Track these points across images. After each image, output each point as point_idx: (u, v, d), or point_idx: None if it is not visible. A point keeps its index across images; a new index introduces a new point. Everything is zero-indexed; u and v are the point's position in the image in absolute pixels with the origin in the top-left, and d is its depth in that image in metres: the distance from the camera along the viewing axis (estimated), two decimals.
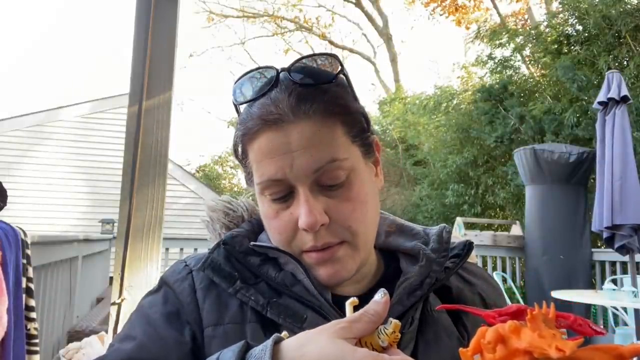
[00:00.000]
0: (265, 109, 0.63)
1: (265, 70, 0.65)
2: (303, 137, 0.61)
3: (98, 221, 8.07)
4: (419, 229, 0.75)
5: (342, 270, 0.65)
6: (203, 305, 0.66)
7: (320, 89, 0.64)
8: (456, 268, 0.71)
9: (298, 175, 0.62)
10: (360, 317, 0.50)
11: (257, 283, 0.67)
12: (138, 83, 2.42)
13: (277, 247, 0.67)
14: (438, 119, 10.04)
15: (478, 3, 14.02)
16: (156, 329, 0.64)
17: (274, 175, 0.62)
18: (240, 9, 17.48)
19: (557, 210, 5.40)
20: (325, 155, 0.62)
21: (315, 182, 0.63)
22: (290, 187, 0.63)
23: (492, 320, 0.48)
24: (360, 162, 0.67)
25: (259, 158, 0.64)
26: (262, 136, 0.63)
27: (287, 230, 0.65)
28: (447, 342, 0.66)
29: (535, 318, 0.43)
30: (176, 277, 0.70)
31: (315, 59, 0.66)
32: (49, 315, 3.34)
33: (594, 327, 0.47)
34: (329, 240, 0.63)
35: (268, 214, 0.66)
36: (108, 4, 39.82)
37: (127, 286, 2.28)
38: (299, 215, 0.62)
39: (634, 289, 3.57)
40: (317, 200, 0.62)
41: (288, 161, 0.61)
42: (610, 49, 6.98)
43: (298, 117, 0.62)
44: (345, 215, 0.63)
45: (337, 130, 0.64)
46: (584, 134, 6.65)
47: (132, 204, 2.33)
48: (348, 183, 0.64)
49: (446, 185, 8.93)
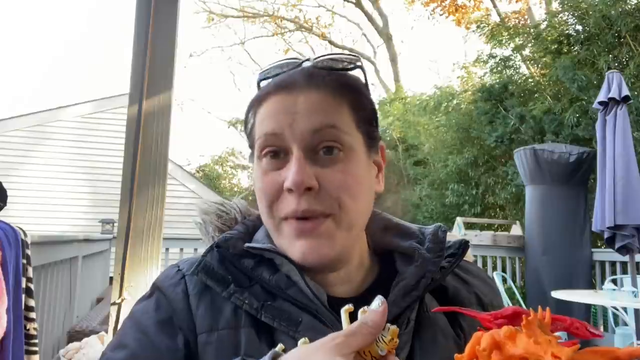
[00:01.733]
0: (282, 77, 0.66)
1: (290, 60, 0.69)
2: (309, 102, 0.63)
3: (98, 221, 8.07)
4: (415, 228, 0.74)
5: (321, 247, 0.62)
6: (196, 311, 0.65)
7: (335, 72, 0.67)
8: (452, 267, 0.70)
9: (296, 134, 0.62)
10: (358, 329, 0.48)
11: (252, 286, 0.65)
12: (138, 83, 2.42)
13: (273, 247, 0.66)
14: (438, 119, 10.04)
15: (478, 3, 14.02)
16: (148, 337, 0.63)
17: (273, 129, 0.63)
18: (240, 9, 17.49)
19: (557, 210, 5.40)
20: (325, 120, 0.63)
21: (311, 148, 0.62)
22: (286, 149, 0.63)
23: (488, 324, 0.48)
24: (361, 149, 0.66)
25: (264, 116, 0.65)
26: (271, 98, 0.65)
27: (273, 190, 0.63)
28: (444, 343, 0.65)
29: (531, 323, 0.43)
30: (169, 282, 0.69)
31: (335, 57, 0.68)
32: (49, 315, 3.34)
33: (592, 330, 0.46)
34: (313, 207, 0.61)
35: (257, 175, 0.66)
36: (108, 4, 39.85)
37: (127, 286, 2.28)
38: (287, 176, 0.61)
39: (634, 289, 3.57)
40: (309, 165, 0.62)
41: (289, 119, 0.63)
42: (610, 49, 6.98)
43: (309, 86, 0.64)
44: (335, 185, 0.62)
45: (344, 107, 0.65)
46: (584, 134, 6.65)
47: (132, 204, 2.33)
48: (345, 158, 0.63)
49: (446, 185, 8.93)
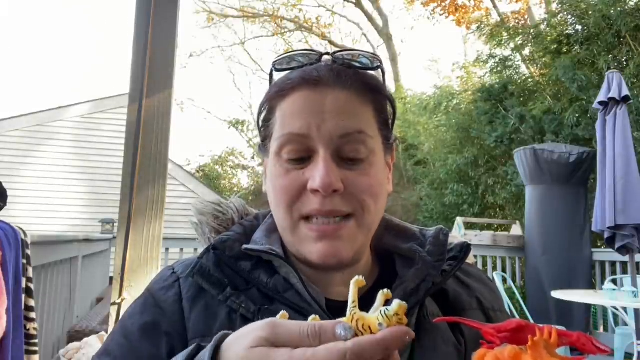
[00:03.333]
0: (307, 71, 0.63)
1: (310, 51, 0.67)
2: (338, 103, 0.62)
3: (98, 221, 8.07)
4: (416, 230, 0.74)
5: (342, 249, 0.61)
6: (189, 316, 0.63)
7: (359, 71, 0.65)
8: (453, 271, 0.69)
9: (324, 136, 0.60)
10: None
11: (249, 289, 0.64)
12: (138, 83, 2.42)
13: (271, 249, 0.65)
14: (438, 119, 10.04)
15: (478, 3, 14.02)
16: (131, 343, 0.63)
17: (300, 129, 0.61)
18: (240, 9, 17.49)
19: (557, 210, 5.40)
20: (355, 125, 0.62)
21: (338, 151, 0.61)
22: (310, 149, 0.61)
23: (490, 337, 0.46)
24: (381, 151, 0.66)
25: (289, 113, 0.63)
26: (297, 93, 0.63)
27: (294, 189, 0.62)
28: (444, 349, 0.64)
29: (537, 345, 0.41)
30: (162, 284, 0.68)
31: (358, 52, 0.67)
32: (49, 315, 3.34)
33: (598, 345, 0.45)
34: (339, 208, 0.60)
35: (278, 172, 0.63)
36: (108, 4, 39.84)
37: (127, 286, 2.28)
38: (313, 177, 0.60)
39: (634, 289, 3.57)
40: (335, 167, 0.61)
41: (318, 120, 0.61)
42: (610, 49, 6.98)
43: (336, 85, 0.63)
44: (361, 188, 0.62)
45: (369, 109, 0.65)
46: (584, 134, 6.65)
47: (132, 204, 2.33)
48: (369, 162, 0.63)
49: (446, 185, 8.93)
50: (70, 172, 9.26)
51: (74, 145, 9.37)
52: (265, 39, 19.59)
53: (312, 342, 0.40)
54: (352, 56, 0.66)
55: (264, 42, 28.04)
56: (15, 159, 9.12)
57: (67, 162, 9.29)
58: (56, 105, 9.59)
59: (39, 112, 9.47)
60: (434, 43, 34.23)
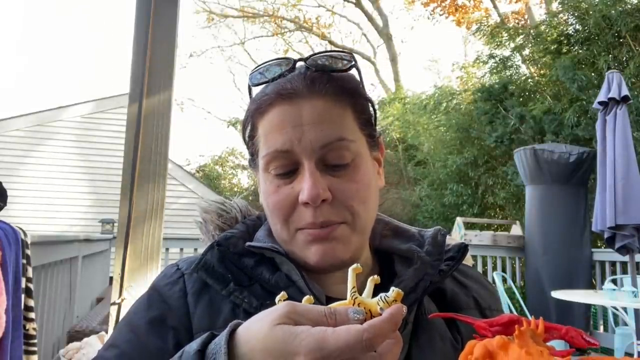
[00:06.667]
0: (281, 85, 0.64)
1: (283, 60, 0.67)
2: (315, 113, 0.62)
3: (98, 221, 8.07)
4: (414, 230, 0.75)
5: (337, 250, 0.63)
6: (194, 311, 0.65)
7: (334, 75, 0.66)
8: (450, 271, 0.70)
9: (306, 148, 0.62)
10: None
11: (251, 285, 0.66)
12: (138, 83, 2.42)
13: (273, 246, 0.67)
14: (438, 119, 10.05)
15: (478, 3, 14.02)
16: (138, 337, 0.64)
17: (282, 146, 0.62)
18: (240, 9, 17.50)
19: (557, 210, 5.40)
20: (334, 133, 0.63)
21: (321, 160, 0.63)
22: (296, 162, 0.63)
23: (483, 331, 0.48)
24: (366, 151, 0.67)
25: (269, 130, 0.64)
26: (274, 109, 0.64)
27: (286, 205, 0.64)
28: (441, 346, 0.65)
29: (523, 334, 0.42)
30: (166, 280, 0.69)
31: (330, 54, 0.68)
32: (48, 315, 3.34)
33: (587, 338, 0.46)
34: (330, 218, 0.62)
35: (269, 189, 0.65)
36: (108, 4, 39.83)
37: (127, 286, 2.28)
38: (302, 189, 0.61)
39: (634, 289, 3.57)
40: (321, 177, 0.62)
41: (297, 134, 0.62)
42: (610, 49, 6.98)
43: (311, 94, 0.63)
44: (348, 194, 0.63)
45: (348, 113, 0.65)
46: (584, 134, 6.65)
47: (132, 204, 2.33)
48: (353, 166, 0.64)
49: (446, 185, 8.93)
50: (70, 172, 9.26)
51: (74, 145, 9.37)
52: (265, 39, 19.58)
53: (329, 321, 0.44)
54: (325, 59, 0.66)
55: (264, 42, 28.03)
56: (15, 159, 9.12)
57: (67, 162, 9.29)
58: (56, 105, 9.60)
59: (39, 112, 9.47)
60: (434, 43, 34.28)
